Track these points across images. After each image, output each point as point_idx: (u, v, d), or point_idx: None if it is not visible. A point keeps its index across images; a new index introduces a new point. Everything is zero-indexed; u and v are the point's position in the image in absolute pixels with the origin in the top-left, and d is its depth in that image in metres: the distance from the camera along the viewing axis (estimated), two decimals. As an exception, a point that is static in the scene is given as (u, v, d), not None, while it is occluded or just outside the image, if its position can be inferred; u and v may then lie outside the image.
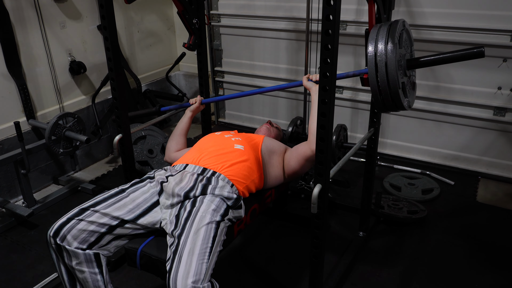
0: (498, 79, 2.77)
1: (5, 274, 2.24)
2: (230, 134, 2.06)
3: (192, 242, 1.49)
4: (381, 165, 3.17)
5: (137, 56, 3.65)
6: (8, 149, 2.72)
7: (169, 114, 2.49)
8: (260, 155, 1.95)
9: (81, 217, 1.58)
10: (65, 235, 1.54)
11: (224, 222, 1.62)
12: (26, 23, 2.76)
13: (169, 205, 1.68)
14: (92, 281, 1.60)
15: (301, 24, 3.22)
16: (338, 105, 3.27)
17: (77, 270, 1.58)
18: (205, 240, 1.51)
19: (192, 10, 2.34)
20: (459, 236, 2.44)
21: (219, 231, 1.59)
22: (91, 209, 1.61)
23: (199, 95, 2.39)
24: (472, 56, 1.64)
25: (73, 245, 1.55)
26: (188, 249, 1.47)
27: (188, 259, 1.44)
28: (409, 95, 1.81)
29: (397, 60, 1.63)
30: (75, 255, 1.56)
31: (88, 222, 1.57)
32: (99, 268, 1.61)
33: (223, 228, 1.62)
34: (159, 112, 2.48)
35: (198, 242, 1.50)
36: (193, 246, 1.48)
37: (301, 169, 2.00)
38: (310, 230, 1.69)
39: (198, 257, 1.45)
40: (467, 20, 2.72)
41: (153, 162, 3.14)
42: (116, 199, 1.67)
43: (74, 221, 1.57)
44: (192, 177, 1.73)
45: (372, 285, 2.11)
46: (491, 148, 2.96)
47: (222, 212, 1.63)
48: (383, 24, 1.71)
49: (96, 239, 1.59)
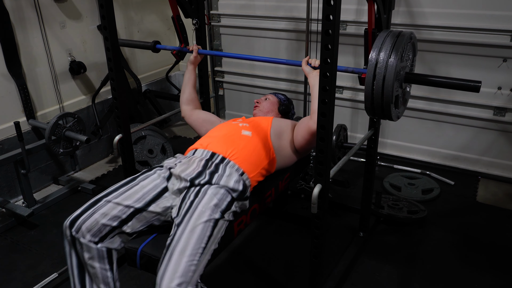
0: (498, 79, 2.77)
1: (5, 274, 2.24)
2: (237, 120, 2.06)
3: (186, 240, 1.48)
4: (381, 165, 3.17)
5: (137, 56, 3.65)
6: (8, 149, 2.72)
7: (169, 114, 2.49)
8: (270, 140, 1.93)
9: (95, 208, 1.60)
10: (80, 226, 1.56)
11: (223, 219, 1.61)
12: (26, 23, 2.76)
13: (176, 190, 1.69)
14: (102, 277, 1.61)
15: (301, 24, 3.21)
16: (338, 105, 3.26)
17: (88, 265, 1.60)
18: (199, 240, 1.50)
19: (192, 10, 2.34)
20: (459, 236, 2.44)
21: (217, 229, 1.57)
22: (104, 199, 1.63)
23: (195, 44, 2.33)
24: (469, 88, 1.66)
25: (87, 237, 1.57)
26: (180, 248, 1.46)
27: (178, 258, 1.44)
28: (400, 107, 1.83)
29: (396, 71, 1.64)
30: (88, 249, 1.58)
31: (101, 214, 1.59)
32: (110, 265, 1.62)
33: (222, 225, 1.61)
34: (155, 49, 2.37)
35: (192, 241, 1.49)
36: (185, 245, 1.47)
37: (308, 145, 1.97)
38: (310, 230, 1.69)
39: (188, 258, 1.44)
40: (467, 20, 2.72)
41: (153, 162, 3.14)
42: (127, 188, 1.69)
43: (88, 213, 1.59)
44: (200, 162, 1.74)
45: (372, 285, 2.11)
46: (491, 148, 2.96)
47: (223, 207, 1.61)
48: (391, 32, 1.71)
49: (108, 231, 1.60)
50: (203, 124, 2.22)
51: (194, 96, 2.30)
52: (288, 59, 2.20)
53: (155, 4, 3.72)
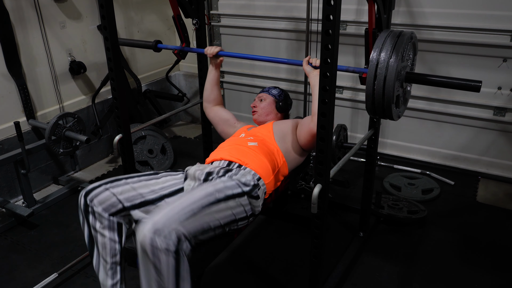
0: (498, 79, 2.77)
1: (5, 274, 2.24)
2: (240, 135, 2.08)
3: (189, 195, 1.47)
4: (381, 165, 3.17)
5: (137, 56, 3.65)
6: (8, 149, 2.72)
7: (169, 114, 2.49)
8: (277, 145, 1.96)
9: (113, 184, 1.64)
10: (93, 198, 1.61)
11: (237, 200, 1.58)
12: (26, 23, 2.76)
13: (190, 189, 1.71)
14: (110, 248, 1.65)
15: (301, 24, 3.21)
16: (338, 105, 3.26)
17: (99, 234, 1.63)
18: (207, 196, 1.49)
19: (192, 10, 2.33)
20: (459, 236, 2.44)
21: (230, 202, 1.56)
22: (123, 180, 1.68)
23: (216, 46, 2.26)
24: (469, 88, 1.67)
25: (99, 208, 1.61)
26: (179, 200, 1.45)
27: (173, 206, 1.41)
28: (401, 107, 1.83)
29: (397, 71, 1.64)
30: (100, 218, 1.62)
31: (117, 192, 1.63)
32: (119, 237, 1.66)
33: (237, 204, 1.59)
34: (156, 48, 2.35)
35: (196, 194, 1.47)
36: (187, 197, 1.46)
37: (312, 144, 1.99)
38: (310, 230, 1.69)
39: (184, 207, 1.41)
40: (467, 20, 2.72)
41: (153, 162, 3.14)
42: (148, 178, 1.74)
43: (105, 187, 1.63)
44: (216, 168, 1.79)
45: (372, 285, 2.11)
46: (491, 148, 2.96)
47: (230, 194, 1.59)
48: (392, 32, 1.71)
49: (119, 210, 1.64)
50: (219, 122, 2.30)
51: (214, 94, 2.32)
52: (288, 59, 2.20)
53: (155, 4, 3.72)
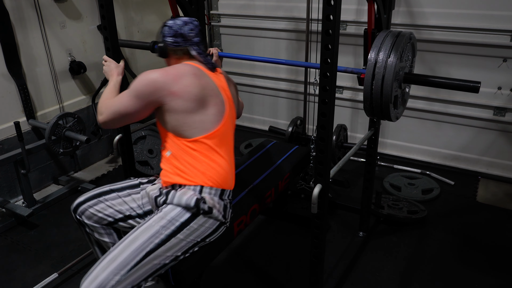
0: (498, 79, 2.77)
1: (5, 274, 2.24)
2: None
3: (121, 248, 1.41)
4: (381, 165, 3.17)
5: (137, 56, 3.65)
6: (8, 149, 2.72)
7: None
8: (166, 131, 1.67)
9: (94, 202, 1.62)
10: (81, 214, 1.62)
11: (190, 225, 1.47)
12: (26, 23, 2.76)
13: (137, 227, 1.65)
14: None
15: (301, 24, 3.21)
16: (338, 105, 3.26)
17: (100, 240, 1.66)
18: (136, 252, 1.40)
19: (192, 10, 2.33)
20: (459, 236, 2.44)
21: (182, 233, 1.46)
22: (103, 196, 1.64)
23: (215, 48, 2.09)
24: (468, 89, 1.66)
25: (90, 222, 1.62)
26: (112, 255, 1.40)
27: (104, 265, 1.37)
28: (399, 108, 1.82)
29: (395, 72, 1.64)
30: (95, 229, 1.63)
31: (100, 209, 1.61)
32: (119, 238, 1.66)
33: (194, 229, 1.48)
34: (154, 49, 2.18)
35: (127, 251, 1.40)
36: (118, 253, 1.40)
37: None
38: (310, 230, 1.69)
39: (114, 268, 1.37)
40: (467, 20, 2.72)
41: (153, 162, 3.14)
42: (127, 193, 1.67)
43: (88, 204, 1.61)
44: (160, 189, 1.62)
45: (372, 285, 2.11)
46: (491, 148, 2.96)
47: (184, 219, 1.48)
48: (391, 32, 1.71)
49: (109, 223, 1.64)
50: None
51: None
52: (288, 59, 2.21)
53: (155, 4, 3.72)
